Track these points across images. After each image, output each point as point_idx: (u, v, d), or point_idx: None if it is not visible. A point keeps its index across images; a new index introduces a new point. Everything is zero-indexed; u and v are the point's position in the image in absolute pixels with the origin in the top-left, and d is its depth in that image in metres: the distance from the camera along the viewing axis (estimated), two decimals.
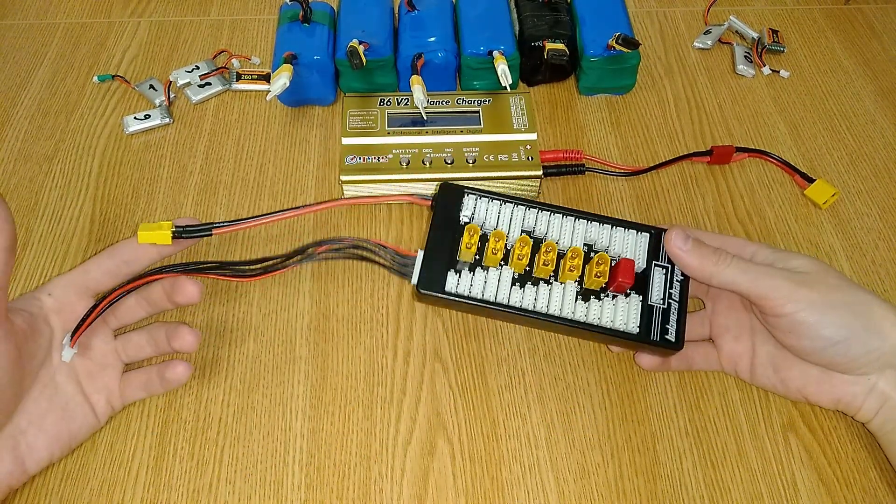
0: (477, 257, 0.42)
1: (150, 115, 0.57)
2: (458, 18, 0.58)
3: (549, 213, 0.43)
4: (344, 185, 0.51)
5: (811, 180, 0.53)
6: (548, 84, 0.60)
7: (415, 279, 0.41)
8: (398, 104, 0.54)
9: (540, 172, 0.51)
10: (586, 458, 0.42)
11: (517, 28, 0.58)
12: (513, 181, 0.51)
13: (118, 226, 0.52)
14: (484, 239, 0.42)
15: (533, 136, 0.52)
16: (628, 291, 0.41)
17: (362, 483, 0.41)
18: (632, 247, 0.42)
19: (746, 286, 0.40)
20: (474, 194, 0.43)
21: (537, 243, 0.42)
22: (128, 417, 0.43)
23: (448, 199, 0.43)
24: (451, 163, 0.51)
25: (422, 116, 0.53)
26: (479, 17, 0.57)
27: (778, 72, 0.61)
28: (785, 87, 0.61)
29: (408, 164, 0.51)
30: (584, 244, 0.43)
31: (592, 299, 0.41)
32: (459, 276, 0.41)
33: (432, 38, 0.56)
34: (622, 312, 0.40)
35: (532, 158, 0.51)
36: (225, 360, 0.45)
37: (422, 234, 0.51)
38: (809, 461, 0.42)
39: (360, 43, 0.54)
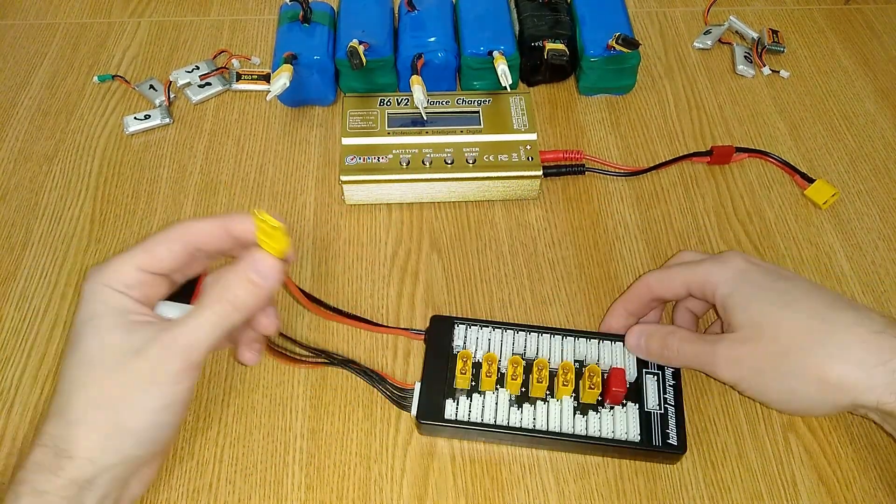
0: (473, 383, 0.42)
1: (150, 115, 0.57)
2: (458, 18, 0.58)
3: (536, 333, 0.44)
4: (344, 185, 0.51)
5: (811, 180, 0.53)
6: (548, 84, 0.60)
7: (414, 411, 0.42)
8: (398, 104, 0.54)
9: (540, 172, 0.51)
10: (586, 458, 0.42)
11: (517, 28, 0.58)
12: (513, 181, 0.51)
13: (118, 226, 0.52)
14: (478, 365, 0.43)
15: (533, 136, 0.52)
16: (624, 401, 0.41)
17: (362, 483, 0.41)
18: (620, 357, 0.43)
19: (694, 366, 0.41)
20: (464, 323, 0.44)
21: (529, 364, 0.43)
22: None
23: (439, 330, 0.44)
24: (451, 163, 0.51)
25: (422, 116, 0.53)
26: (479, 17, 0.57)
27: (778, 72, 0.61)
28: (785, 87, 0.61)
29: (408, 164, 0.51)
30: (574, 360, 0.43)
31: (590, 412, 0.41)
32: (457, 403, 0.41)
33: (432, 38, 0.56)
34: (621, 422, 0.41)
35: (532, 158, 0.51)
36: (225, 360, 0.45)
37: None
38: (809, 461, 0.42)
39: (360, 43, 0.54)
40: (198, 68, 0.60)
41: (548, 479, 0.41)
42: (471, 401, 0.42)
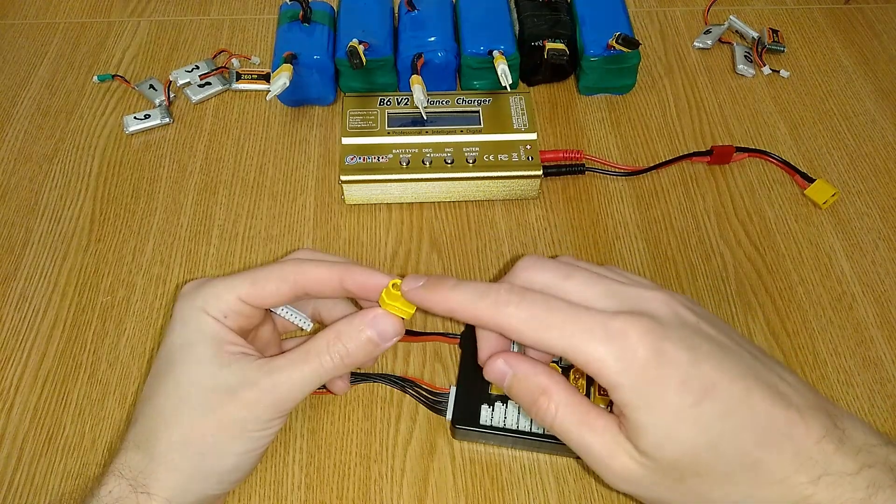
0: None
1: (150, 115, 0.57)
2: (458, 18, 0.58)
3: None
4: (344, 185, 0.51)
5: (811, 180, 0.53)
6: (548, 84, 0.60)
7: (449, 415, 0.42)
8: (398, 104, 0.54)
9: (540, 172, 0.51)
10: None
11: (517, 28, 0.58)
12: (513, 181, 0.51)
13: (118, 225, 0.52)
14: None
15: (533, 136, 0.52)
16: None
17: (362, 483, 0.41)
18: None
19: (573, 448, 0.32)
20: None
21: (565, 371, 0.42)
22: (128, 417, 0.43)
23: (475, 335, 0.43)
24: (451, 163, 0.51)
25: (422, 116, 0.53)
26: (479, 17, 0.57)
27: (778, 71, 0.61)
28: (785, 87, 0.61)
29: (408, 163, 0.51)
30: None
31: None
32: (493, 409, 0.41)
33: (432, 38, 0.56)
34: None
35: (532, 158, 0.51)
36: None
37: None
38: None
39: (360, 43, 0.54)
40: (198, 68, 0.60)
41: (548, 479, 0.41)
42: (506, 407, 0.41)
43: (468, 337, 0.44)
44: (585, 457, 0.32)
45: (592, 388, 0.41)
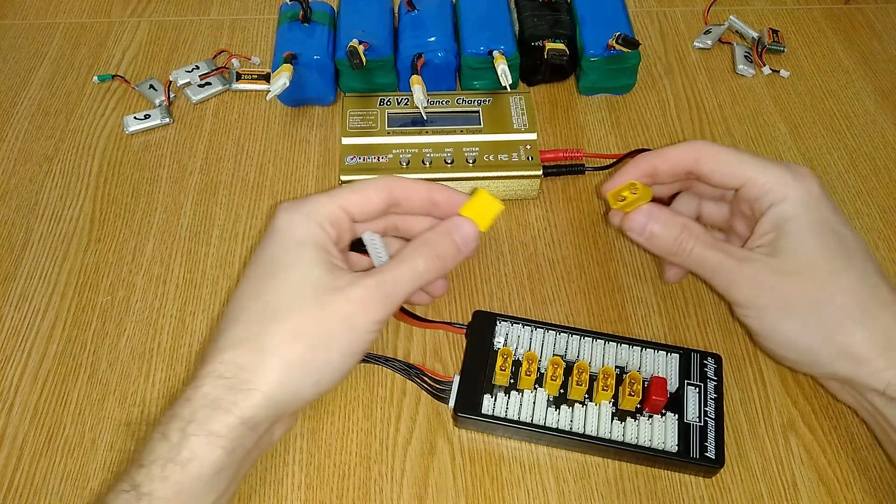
0: (511, 380, 0.42)
1: (150, 115, 0.57)
2: (458, 18, 0.58)
3: (579, 336, 0.44)
4: (344, 186, 0.51)
5: None
6: (548, 84, 0.60)
7: (452, 403, 0.42)
8: (398, 104, 0.54)
9: (540, 172, 0.51)
10: (586, 458, 0.42)
11: (517, 28, 0.58)
12: (513, 181, 0.51)
13: (118, 225, 0.52)
14: (517, 364, 0.43)
15: (533, 136, 0.52)
16: (663, 411, 0.41)
17: (362, 483, 0.41)
18: (662, 367, 0.43)
19: (705, 274, 0.39)
20: (507, 320, 0.44)
21: (570, 366, 0.43)
22: (127, 417, 0.43)
23: (481, 326, 0.44)
24: (451, 163, 0.51)
25: (422, 116, 0.53)
26: (479, 17, 0.57)
27: (778, 72, 0.61)
28: (785, 87, 0.61)
29: (408, 163, 0.51)
30: (616, 366, 0.43)
31: (628, 419, 0.41)
32: (495, 399, 0.42)
33: (432, 38, 0.56)
34: (659, 432, 0.40)
35: (532, 158, 0.51)
36: None
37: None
38: (809, 461, 0.42)
39: (360, 43, 0.54)
40: (198, 68, 0.60)
41: (548, 478, 0.41)
42: (508, 398, 0.42)
43: (474, 327, 0.44)
44: (722, 270, 0.38)
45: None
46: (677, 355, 0.43)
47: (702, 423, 0.41)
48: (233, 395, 0.33)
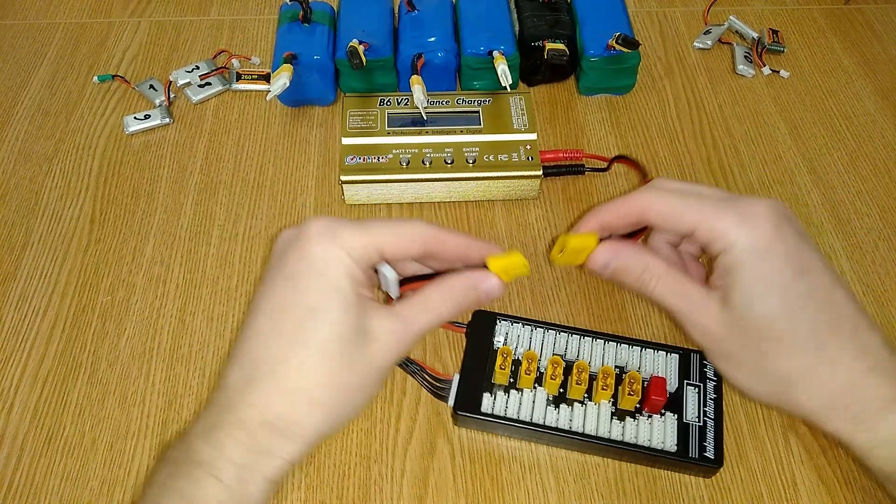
0: (511, 379, 0.42)
1: (150, 115, 0.57)
2: (458, 18, 0.58)
3: (579, 336, 0.44)
4: (344, 185, 0.51)
5: None
6: (548, 84, 0.60)
7: (451, 401, 0.42)
8: (398, 104, 0.54)
9: (540, 172, 0.51)
10: (586, 458, 0.42)
11: (517, 28, 0.58)
12: (513, 181, 0.51)
13: (118, 226, 0.52)
14: (517, 362, 0.43)
15: (533, 136, 0.52)
16: (662, 411, 0.41)
17: (362, 483, 0.41)
18: (662, 367, 0.43)
19: (667, 310, 0.38)
20: (507, 320, 0.45)
21: (569, 365, 0.43)
22: (128, 417, 0.43)
23: (482, 325, 0.44)
24: (451, 163, 0.51)
25: (422, 116, 0.53)
26: (479, 17, 0.57)
27: (778, 72, 0.61)
28: (785, 87, 0.61)
29: (408, 164, 0.51)
30: (615, 365, 0.43)
31: (627, 419, 0.41)
32: (495, 398, 0.42)
33: (432, 38, 0.56)
34: (658, 431, 0.41)
35: (532, 158, 0.51)
36: (225, 358, 0.45)
37: None
38: (809, 461, 0.42)
39: (360, 43, 0.54)
40: (198, 68, 0.60)
41: (548, 478, 0.41)
42: (508, 396, 0.42)
43: (474, 326, 0.44)
44: (677, 313, 0.37)
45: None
46: (677, 355, 0.43)
47: (701, 424, 0.41)
48: (275, 440, 0.33)
